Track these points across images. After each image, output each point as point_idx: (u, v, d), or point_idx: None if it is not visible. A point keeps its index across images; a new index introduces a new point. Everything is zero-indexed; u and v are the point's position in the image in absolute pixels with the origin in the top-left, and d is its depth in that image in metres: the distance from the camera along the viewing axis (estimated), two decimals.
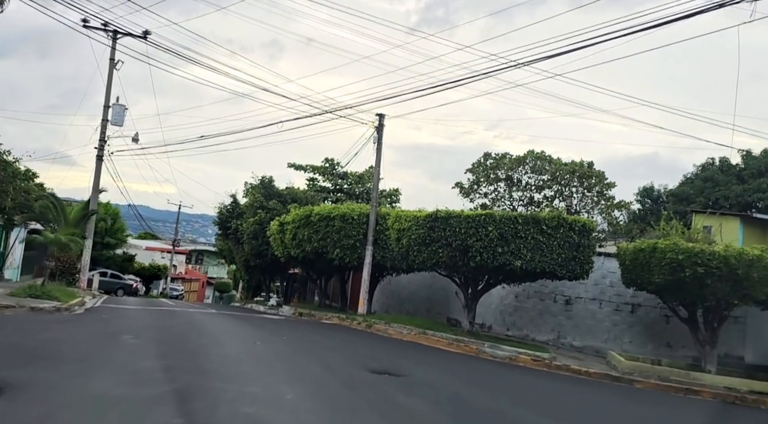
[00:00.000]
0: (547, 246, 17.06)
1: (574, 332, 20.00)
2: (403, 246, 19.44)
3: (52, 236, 17.44)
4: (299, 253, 25.53)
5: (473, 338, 18.02)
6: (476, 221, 17.26)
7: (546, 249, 17.05)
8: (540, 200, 26.58)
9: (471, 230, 17.27)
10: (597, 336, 19.80)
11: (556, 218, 17.21)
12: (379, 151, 23.38)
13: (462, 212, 17.90)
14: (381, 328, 19.97)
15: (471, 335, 18.44)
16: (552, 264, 17.06)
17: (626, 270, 17.28)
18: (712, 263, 13.95)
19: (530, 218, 17.19)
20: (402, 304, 28.00)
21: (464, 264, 17.66)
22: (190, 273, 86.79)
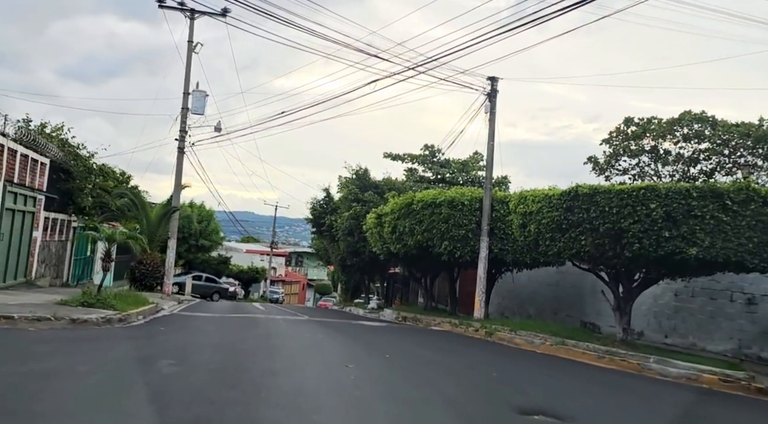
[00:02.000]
0: (732, 228, 12.59)
1: (763, 340, 15.26)
2: (530, 234, 15.42)
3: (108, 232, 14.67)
4: (400, 248, 21.99)
5: (628, 348, 13.79)
6: (633, 197, 13.02)
7: (731, 232, 12.59)
8: (695, 176, 21.56)
9: (626, 209, 13.06)
10: None
11: (743, 189, 12.69)
12: (492, 122, 19.47)
13: (612, 186, 13.68)
14: (505, 336, 16.05)
15: (625, 344, 14.20)
16: (739, 251, 12.58)
17: None
18: None
19: (708, 191, 12.76)
20: (522, 306, 23.88)
21: (616, 254, 13.46)
22: (290, 275, 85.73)
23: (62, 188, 21.92)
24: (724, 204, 12.66)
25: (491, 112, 19.34)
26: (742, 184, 12.88)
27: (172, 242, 25.22)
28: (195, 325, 14.22)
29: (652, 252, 12.92)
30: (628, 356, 12.97)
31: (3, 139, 15.98)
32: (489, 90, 19.41)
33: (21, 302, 13.26)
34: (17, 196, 17.44)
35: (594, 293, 20.19)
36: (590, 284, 20.32)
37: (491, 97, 19.24)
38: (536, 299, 23.13)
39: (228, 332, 12.94)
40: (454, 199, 19.33)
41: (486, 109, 19.35)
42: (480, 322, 18.43)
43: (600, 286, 19.73)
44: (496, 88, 19.23)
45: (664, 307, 17.01)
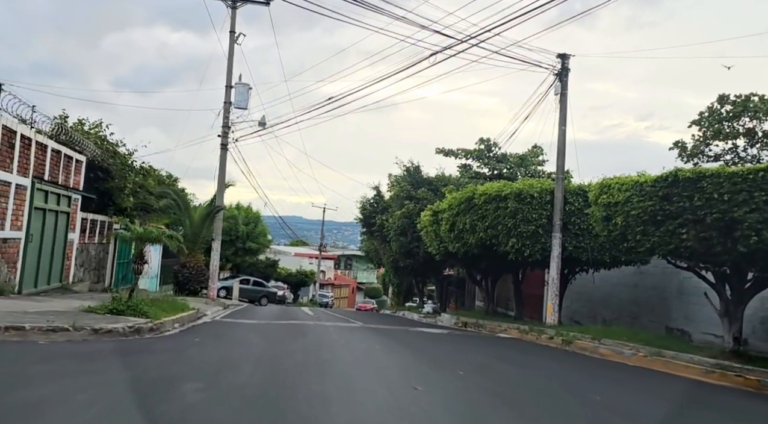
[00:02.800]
0: None
1: None
2: (615, 228, 13.35)
3: (138, 230, 13.21)
4: (459, 247, 20.10)
5: (742, 361, 11.60)
6: (750, 181, 10.86)
7: None
8: None
9: (740, 196, 10.91)
10: None
11: None
12: (563, 104, 17.41)
13: (722, 168, 11.52)
14: (586, 346, 14.00)
15: (737, 356, 12.00)
16: None
17: None
18: None
19: None
20: (594, 310, 21.66)
21: (726, 249, 11.30)
22: (340, 279, 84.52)
23: (101, 188, 20.77)
24: None
25: (562, 94, 17.30)
26: None
27: (216, 243, 23.89)
28: (236, 334, 12.62)
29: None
30: (744, 371, 10.82)
31: (29, 131, 14.73)
32: (559, 68, 17.35)
33: (44, 309, 11.88)
34: (48, 195, 16.21)
35: (681, 295, 17.92)
36: (676, 284, 18.07)
37: (562, 76, 17.19)
38: (611, 303, 20.89)
39: (272, 343, 11.28)
40: (521, 191, 17.34)
41: (556, 90, 17.32)
42: (554, 328, 16.39)
43: (691, 287, 17.51)
44: (567, 66, 17.18)
45: None
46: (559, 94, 17.27)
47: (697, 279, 17.45)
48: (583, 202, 17.12)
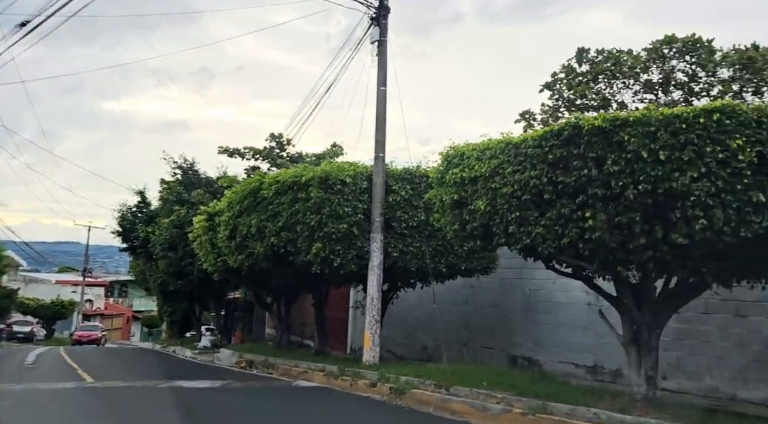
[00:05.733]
0: None
1: None
2: (475, 217, 8.78)
3: None
4: (243, 260, 14.58)
5: (663, 413, 7.57)
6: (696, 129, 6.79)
7: None
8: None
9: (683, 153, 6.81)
10: None
11: None
12: (383, 55, 12.74)
13: (652, 111, 7.30)
14: (429, 398, 9.23)
15: (651, 404, 7.95)
16: None
17: None
18: None
19: None
20: (412, 336, 17.19)
21: (653, 240, 7.19)
22: (111, 308, 73.64)
23: None
24: None
25: (381, 43, 12.65)
26: None
27: None
28: None
29: (730, 233, 6.77)
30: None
31: None
32: (375, 12, 12.67)
33: None
34: None
35: (527, 313, 14.05)
36: (521, 299, 14.21)
37: (379, 18, 12.51)
38: (434, 326, 16.54)
39: None
40: (328, 175, 12.28)
41: (372, 37, 12.61)
42: (376, 369, 11.46)
43: (539, 302, 13.71)
44: (386, 3, 12.55)
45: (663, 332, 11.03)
46: (376, 41, 12.59)
47: (548, 292, 13.69)
48: (412, 190, 12.53)
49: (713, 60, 14.26)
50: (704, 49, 14.68)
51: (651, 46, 15.05)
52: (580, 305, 12.27)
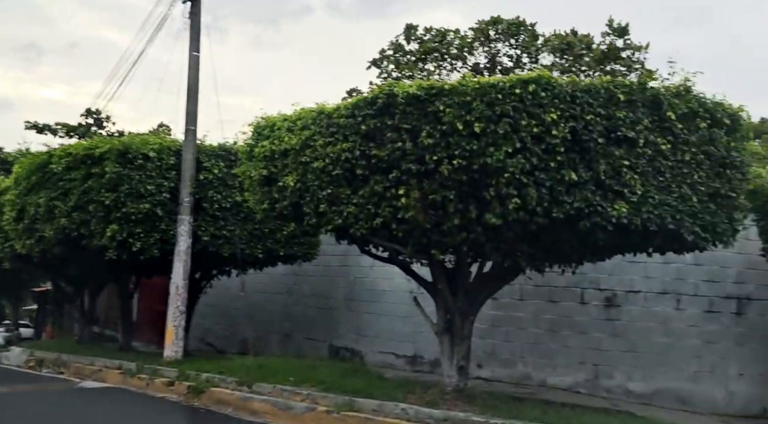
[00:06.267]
0: (672, 165, 6.84)
1: (630, 362, 9.98)
2: (285, 195, 7.91)
3: None
4: (32, 245, 12.61)
5: (471, 405, 7.23)
6: (512, 101, 6.38)
7: (669, 173, 6.80)
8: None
9: (499, 126, 6.37)
10: (677, 368, 9.95)
11: (682, 94, 6.99)
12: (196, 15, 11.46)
13: (468, 80, 6.78)
14: (229, 397, 8.26)
15: (462, 396, 7.56)
16: (680, 209, 6.83)
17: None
18: None
19: (639, 93, 6.75)
20: (234, 326, 16.04)
21: (467, 221, 6.74)
22: None
23: None
24: (664, 120, 6.81)
25: (192, 2, 11.36)
26: (682, 87, 7.11)
27: None
28: None
29: (542, 214, 6.46)
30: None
31: None
32: None
33: None
34: None
35: (350, 303, 13.47)
36: (344, 288, 13.63)
37: None
38: (256, 317, 15.53)
39: None
40: (128, 148, 10.83)
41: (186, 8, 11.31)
42: (176, 365, 10.24)
43: (363, 290, 13.15)
44: None
45: (479, 319, 10.83)
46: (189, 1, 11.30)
47: (372, 280, 13.15)
48: (227, 168, 11.40)
49: (536, 44, 14.59)
50: (527, 32, 14.98)
51: (477, 26, 15.11)
52: (402, 293, 11.83)
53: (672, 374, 9.84)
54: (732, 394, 9.83)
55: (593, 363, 10.01)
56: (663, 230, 6.92)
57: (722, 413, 9.58)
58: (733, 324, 10.05)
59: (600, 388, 9.87)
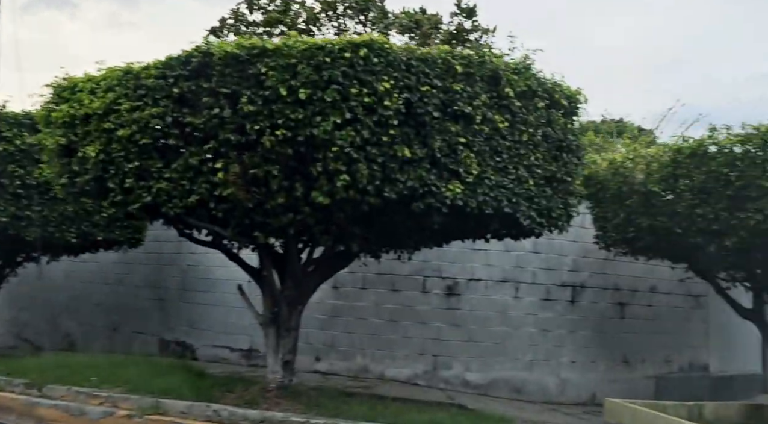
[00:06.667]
0: (509, 145, 6.56)
1: (468, 352, 9.78)
2: (86, 168, 6.80)
3: None
4: None
5: (293, 403, 6.63)
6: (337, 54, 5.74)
7: (506, 154, 6.54)
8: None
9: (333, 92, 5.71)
10: (513, 357, 9.87)
11: (522, 71, 6.73)
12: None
13: (300, 40, 6.06)
14: (14, 402, 7.03)
15: (286, 393, 6.90)
16: (516, 192, 6.60)
17: (612, 209, 8.05)
18: None
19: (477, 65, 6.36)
20: (55, 321, 14.34)
21: (295, 198, 6.07)
22: None
23: None
24: (502, 97, 6.49)
25: None
26: (522, 64, 6.84)
27: None
28: None
29: (374, 193, 5.92)
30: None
31: None
32: None
33: None
34: None
35: (183, 293, 12.41)
36: (178, 277, 12.50)
37: None
38: (81, 310, 13.99)
39: None
40: None
41: None
42: None
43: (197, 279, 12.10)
44: None
45: (315, 310, 10.20)
46: None
47: (206, 268, 12.08)
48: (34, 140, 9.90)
49: (385, 22, 14.20)
50: (377, 9, 14.56)
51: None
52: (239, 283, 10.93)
53: (508, 364, 9.76)
54: (564, 382, 9.93)
55: (432, 354, 9.71)
56: (499, 214, 6.62)
57: (554, 402, 9.63)
58: (567, 312, 10.15)
59: (438, 379, 9.58)
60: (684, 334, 11.46)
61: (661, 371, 10.90)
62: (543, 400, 9.63)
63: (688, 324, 11.56)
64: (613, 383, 10.24)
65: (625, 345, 10.58)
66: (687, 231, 7.73)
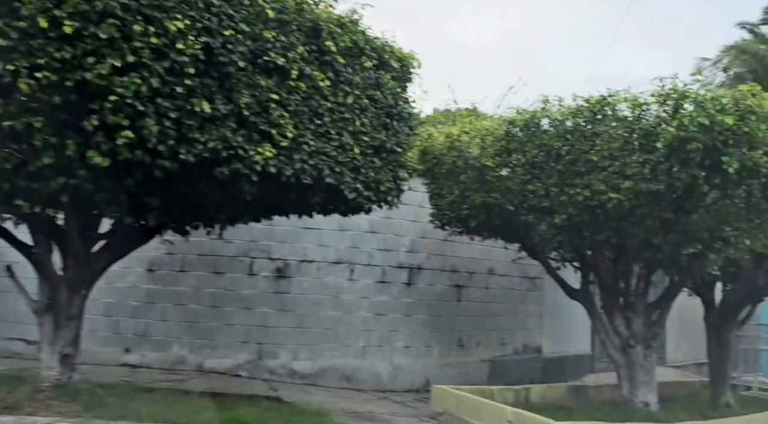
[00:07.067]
0: (333, 111, 5.87)
1: (297, 340, 9.01)
2: None
3: None
4: None
5: (66, 398, 5.58)
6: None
7: (329, 118, 5.85)
8: None
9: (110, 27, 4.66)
10: (345, 343, 9.25)
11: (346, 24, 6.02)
12: None
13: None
14: None
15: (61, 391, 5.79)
16: (338, 165, 5.95)
17: (447, 186, 7.76)
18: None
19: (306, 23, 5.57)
20: None
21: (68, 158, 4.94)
22: None
23: None
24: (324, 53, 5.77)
25: None
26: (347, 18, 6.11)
27: None
28: None
29: (167, 154, 4.99)
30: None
31: None
32: None
33: None
34: None
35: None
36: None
37: None
38: None
39: None
40: None
41: None
42: None
43: None
44: None
45: (126, 296, 9.00)
46: None
47: None
48: None
49: None
50: None
51: None
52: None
53: (340, 351, 9.13)
54: (397, 368, 9.47)
55: (258, 342, 8.85)
56: (321, 185, 5.92)
57: (387, 389, 9.15)
58: (403, 295, 9.69)
59: (263, 369, 8.75)
60: (519, 316, 11.44)
61: (495, 354, 10.79)
62: (375, 388, 9.12)
63: (523, 306, 11.56)
64: (447, 368, 9.94)
65: (461, 328, 10.33)
66: (519, 209, 7.43)
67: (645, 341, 7.89)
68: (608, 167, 6.64)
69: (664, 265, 7.93)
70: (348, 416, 6.80)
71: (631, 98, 6.72)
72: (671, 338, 14.48)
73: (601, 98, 6.88)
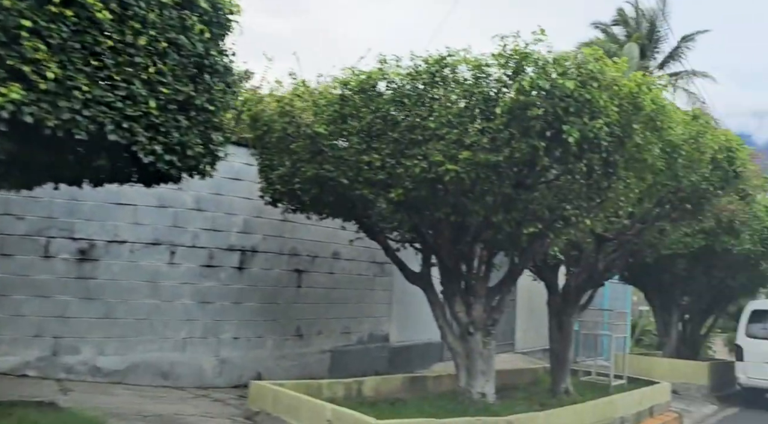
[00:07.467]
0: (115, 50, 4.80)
1: (104, 332, 7.78)
2: None
3: None
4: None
5: None
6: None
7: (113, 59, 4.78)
8: None
9: None
10: (163, 335, 8.12)
11: None
12: None
13: None
14: None
15: None
16: (128, 120, 4.91)
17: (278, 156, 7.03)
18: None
19: None
20: None
21: None
22: None
23: None
24: None
25: None
26: None
27: None
28: None
29: None
30: None
31: None
32: None
33: None
34: None
35: None
36: None
37: None
38: None
39: None
40: None
41: None
42: None
43: None
44: None
45: None
46: None
47: None
48: None
49: None
50: None
51: None
52: None
53: (155, 344, 8.00)
54: (224, 362, 8.47)
55: (54, 335, 7.52)
56: (103, 144, 4.83)
57: (210, 385, 8.14)
58: (233, 281, 8.69)
59: (59, 367, 7.46)
60: (366, 303, 10.81)
61: (338, 344, 10.07)
62: (197, 384, 8.08)
63: (371, 293, 10.93)
64: (283, 360, 9.08)
65: (300, 317, 9.50)
66: (354, 182, 6.69)
67: (485, 328, 7.45)
68: (446, 136, 6.03)
69: (505, 246, 7.51)
70: (145, 420, 5.76)
71: (471, 59, 6.14)
72: (520, 324, 14.49)
73: (440, 58, 6.25)
